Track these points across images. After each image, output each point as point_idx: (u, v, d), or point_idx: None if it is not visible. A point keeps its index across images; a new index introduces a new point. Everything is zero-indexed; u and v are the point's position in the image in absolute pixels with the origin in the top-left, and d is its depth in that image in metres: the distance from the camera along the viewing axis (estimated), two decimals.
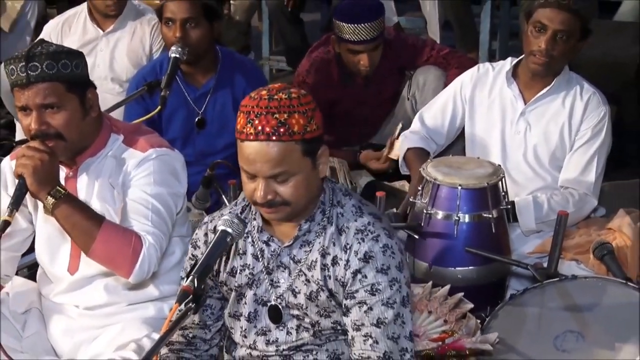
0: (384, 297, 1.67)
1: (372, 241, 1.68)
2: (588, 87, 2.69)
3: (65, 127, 2.02)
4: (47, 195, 1.97)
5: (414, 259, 2.49)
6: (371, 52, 3.08)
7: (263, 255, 1.75)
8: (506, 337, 2.16)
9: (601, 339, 2.11)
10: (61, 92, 2.01)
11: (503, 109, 2.73)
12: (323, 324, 1.74)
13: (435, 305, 2.27)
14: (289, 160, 1.61)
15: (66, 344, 2.21)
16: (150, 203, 2.08)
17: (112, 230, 2.03)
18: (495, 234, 2.44)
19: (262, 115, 1.60)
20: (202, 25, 2.83)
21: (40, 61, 1.98)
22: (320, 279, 1.71)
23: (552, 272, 2.32)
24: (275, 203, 1.64)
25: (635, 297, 2.17)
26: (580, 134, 2.66)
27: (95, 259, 2.05)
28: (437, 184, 2.44)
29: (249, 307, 1.77)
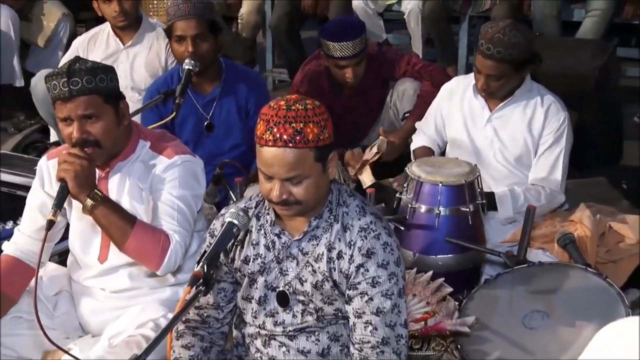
0: (384, 289, 1.67)
1: (374, 239, 1.69)
2: (548, 96, 2.69)
3: (103, 135, 2.03)
4: (87, 198, 1.98)
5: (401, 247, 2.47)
6: (355, 66, 3.09)
7: (274, 247, 1.75)
8: (481, 316, 2.17)
9: (563, 318, 2.12)
10: (99, 104, 2.01)
11: (473, 116, 2.76)
12: (326, 310, 1.74)
13: (419, 289, 2.28)
14: (303, 165, 1.61)
15: (93, 322, 2.22)
16: (176, 204, 2.09)
17: (144, 229, 2.03)
18: (471, 225, 2.45)
19: (281, 124, 1.59)
20: (209, 39, 2.83)
21: (80, 76, 1.97)
22: (325, 270, 1.71)
23: (521, 259, 2.33)
24: (289, 202, 1.64)
25: (594, 281, 2.19)
26: (543, 139, 2.67)
27: (128, 253, 2.06)
28: (421, 182, 2.45)
29: (259, 292, 1.77)
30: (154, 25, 3.45)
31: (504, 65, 2.53)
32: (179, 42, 2.83)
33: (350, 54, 3.05)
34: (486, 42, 2.53)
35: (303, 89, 3.23)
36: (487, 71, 2.57)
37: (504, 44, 2.49)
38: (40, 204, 2.17)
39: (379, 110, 3.36)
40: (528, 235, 2.37)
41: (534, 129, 2.66)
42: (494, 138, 2.71)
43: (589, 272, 2.22)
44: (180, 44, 2.83)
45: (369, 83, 3.25)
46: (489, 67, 2.55)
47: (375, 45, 3.36)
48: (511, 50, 2.50)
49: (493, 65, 2.54)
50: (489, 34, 2.53)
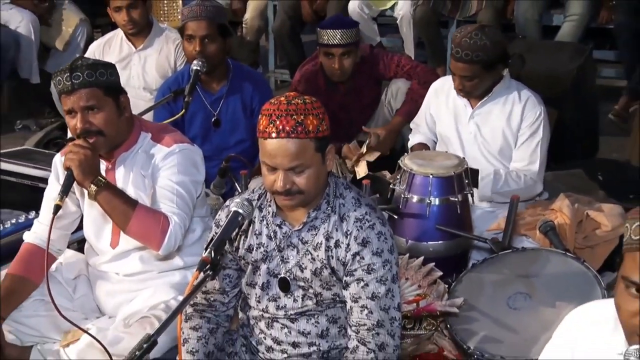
0: (378, 276, 1.66)
1: (369, 229, 1.67)
2: (526, 92, 2.67)
3: (105, 124, 2.02)
4: (91, 184, 1.97)
5: (394, 235, 2.46)
6: (341, 56, 3.08)
7: (276, 236, 1.73)
8: (468, 298, 2.17)
9: (545, 299, 2.11)
10: (100, 96, 2.00)
11: (457, 113, 2.74)
12: (325, 295, 1.72)
13: (411, 273, 2.27)
14: (304, 154, 1.59)
15: (109, 303, 2.22)
16: (175, 189, 2.08)
17: (144, 212, 2.02)
18: (460, 214, 2.43)
19: (283, 117, 1.58)
20: (217, 41, 2.82)
21: (82, 71, 1.98)
22: (324, 258, 1.69)
23: (506, 245, 2.33)
24: (292, 192, 1.61)
25: (572, 265, 2.18)
26: (521, 132, 2.65)
27: (131, 235, 2.05)
28: (413, 174, 2.43)
29: (262, 278, 1.75)
30: (163, 29, 3.44)
31: (473, 66, 2.53)
32: (189, 41, 2.83)
33: (338, 42, 3.04)
34: (455, 46, 2.55)
35: (301, 88, 3.22)
36: (459, 73, 2.58)
37: (470, 47, 2.50)
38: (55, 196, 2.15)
39: (372, 108, 3.34)
40: (512, 223, 2.36)
41: (513, 123, 2.65)
42: (477, 133, 2.70)
43: (568, 256, 2.22)
44: (190, 43, 2.83)
45: (362, 82, 3.24)
46: (460, 69, 2.56)
47: (367, 47, 3.34)
48: (478, 52, 2.50)
49: (463, 67, 2.55)
50: (457, 38, 2.56)
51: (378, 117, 3.35)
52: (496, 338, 2.05)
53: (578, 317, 1.36)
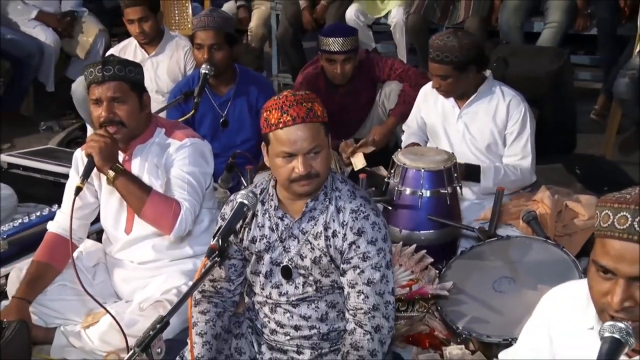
0: (373, 263, 1.64)
1: (363, 219, 1.64)
2: (508, 92, 2.65)
3: (127, 116, 2.02)
4: (109, 170, 1.97)
5: (389, 225, 2.43)
6: (343, 62, 3.06)
7: (278, 228, 1.70)
8: (457, 282, 2.16)
9: (527, 282, 2.10)
10: (126, 90, 2.01)
11: (446, 114, 2.71)
12: (324, 282, 1.70)
13: (405, 259, 2.26)
14: (319, 136, 1.59)
15: (125, 289, 2.21)
16: (186, 178, 2.08)
17: (158, 197, 2.02)
18: (449, 205, 2.41)
19: (294, 106, 1.57)
20: (224, 49, 2.81)
21: (113, 65, 1.99)
22: (323, 246, 1.67)
23: (492, 234, 2.32)
24: (311, 175, 1.59)
25: (553, 251, 2.17)
26: (509, 130, 2.63)
27: (145, 219, 2.04)
28: (406, 168, 2.41)
29: (266, 267, 1.73)
30: (174, 37, 3.44)
31: (444, 67, 2.52)
32: (198, 49, 2.83)
33: (341, 49, 3.03)
34: (430, 48, 2.56)
35: (303, 89, 3.18)
36: (434, 72, 2.58)
37: (441, 49, 2.50)
38: None
39: (368, 108, 3.32)
40: (497, 213, 2.35)
41: (498, 121, 2.62)
42: (465, 131, 2.68)
43: (549, 243, 2.21)
44: (199, 51, 2.82)
45: (359, 85, 3.21)
46: (434, 69, 2.56)
47: (364, 52, 3.32)
48: (447, 53, 2.49)
49: (437, 67, 2.54)
50: (432, 41, 2.56)
51: (373, 116, 3.33)
52: (483, 319, 2.05)
53: (554, 297, 1.35)
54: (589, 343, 1.14)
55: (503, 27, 4.01)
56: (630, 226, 1.09)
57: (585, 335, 1.18)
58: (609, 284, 1.13)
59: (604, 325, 1.12)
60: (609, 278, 1.13)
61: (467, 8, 4.04)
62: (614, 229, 1.11)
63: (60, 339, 2.11)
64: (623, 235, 1.10)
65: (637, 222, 1.09)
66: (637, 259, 1.09)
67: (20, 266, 2.22)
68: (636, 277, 1.10)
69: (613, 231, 1.11)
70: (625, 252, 1.10)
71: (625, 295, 1.11)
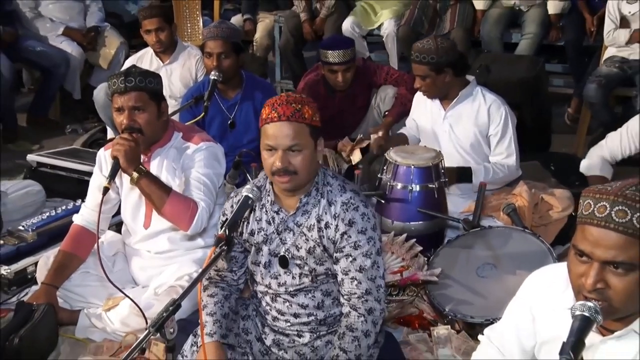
0: (364, 251, 1.60)
1: (353, 211, 1.61)
2: (490, 96, 2.62)
3: (146, 124, 2.00)
4: (133, 171, 1.94)
5: (382, 216, 2.44)
6: (344, 71, 3.05)
7: (274, 221, 1.67)
8: (444, 268, 2.14)
9: (507, 268, 2.09)
10: (146, 99, 1.99)
11: (434, 115, 2.69)
12: (318, 270, 1.67)
13: (396, 248, 2.24)
14: (301, 136, 1.55)
15: (142, 276, 2.20)
16: (202, 180, 2.05)
17: (177, 197, 2.00)
18: (437, 198, 2.40)
19: (283, 105, 1.55)
20: (231, 57, 2.78)
21: (134, 77, 1.97)
22: (317, 238, 1.63)
23: (475, 224, 2.30)
24: (289, 171, 1.56)
25: (530, 240, 2.15)
26: (492, 132, 2.60)
27: (165, 216, 2.02)
28: (397, 165, 2.40)
29: (264, 258, 1.69)
30: (186, 47, 3.42)
31: (423, 67, 2.51)
32: (208, 57, 2.81)
33: (341, 60, 3.01)
34: (412, 51, 2.57)
35: (305, 94, 3.13)
36: (415, 72, 2.58)
37: (420, 50, 2.51)
38: (99, 185, 2.13)
39: (364, 110, 3.30)
40: (480, 206, 2.33)
41: (480, 122, 2.60)
42: (450, 131, 2.65)
43: (527, 233, 2.20)
44: (208, 59, 2.80)
45: (356, 89, 3.19)
46: (415, 69, 2.56)
47: (361, 60, 3.30)
48: (425, 55, 2.50)
49: (416, 67, 2.54)
50: (415, 44, 2.57)
51: (368, 118, 3.31)
52: (467, 301, 2.03)
53: (536, 279, 1.35)
54: (567, 321, 1.14)
55: (485, 37, 4.00)
56: (608, 215, 1.09)
57: (564, 314, 1.18)
58: (584, 267, 1.13)
59: (575, 305, 1.13)
60: (585, 261, 1.13)
61: (452, 20, 4.02)
62: (593, 217, 1.11)
63: (84, 321, 2.10)
64: (601, 222, 1.10)
65: (615, 212, 1.08)
66: (612, 245, 1.09)
67: (48, 255, 2.21)
68: (609, 262, 1.10)
69: (592, 219, 1.11)
70: (601, 238, 1.09)
71: (598, 278, 1.10)
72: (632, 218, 1.07)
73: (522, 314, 1.34)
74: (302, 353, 1.71)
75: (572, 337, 1.09)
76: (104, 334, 2.07)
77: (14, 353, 1.84)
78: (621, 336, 1.17)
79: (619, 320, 1.17)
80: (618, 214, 1.08)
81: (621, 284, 1.09)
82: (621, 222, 1.08)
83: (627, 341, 1.17)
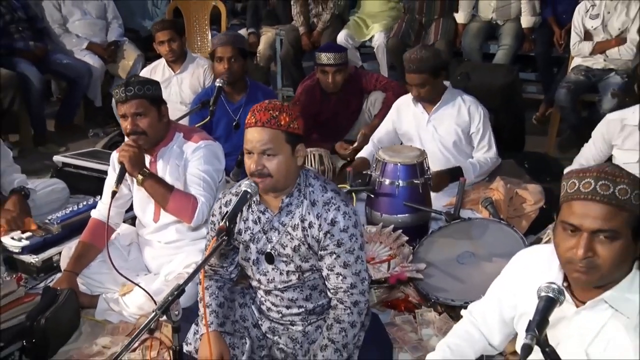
0: (347, 247, 1.53)
1: (335, 210, 1.53)
2: (468, 98, 2.61)
3: (148, 127, 1.97)
4: (138, 174, 1.92)
5: (371, 209, 2.41)
6: (334, 73, 3.02)
7: (260, 221, 1.59)
8: (428, 256, 2.12)
9: (485, 255, 2.06)
10: (146, 105, 1.95)
11: (418, 119, 2.66)
12: (304, 267, 1.59)
13: (384, 238, 2.21)
14: (275, 142, 1.48)
15: (153, 264, 2.17)
16: (202, 176, 2.02)
17: (179, 194, 1.97)
18: (421, 193, 2.36)
19: (262, 111, 1.50)
20: (239, 61, 2.77)
21: (134, 86, 1.93)
22: (301, 236, 1.56)
23: (456, 216, 2.27)
24: (263, 173, 1.49)
25: (505, 230, 2.13)
26: (474, 130, 2.59)
27: (169, 212, 2.00)
28: (385, 162, 2.37)
29: (253, 255, 1.62)
30: (195, 58, 3.39)
31: (422, 75, 2.47)
32: (218, 61, 2.78)
33: (332, 62, 2.99)
34: (407, 62, 2.51)
35: (302, 98, 3.16)
36: (413, 82, 2.52)
37: (414, 60, 2.46)
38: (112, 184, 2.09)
39: (357, 114, 3.26)
40: (460, 200, 2.31)
41: (461, 121, 2.58)
42: (434, 133, 2.62)
43: (502, 224, 2.17)
44: (219, 63, 2.78)
45: (349, 94, 3.16)
46: (413, 79, 2.51)
47: (353, 68, 3.28)
48: (421, 63, 2.45)
49: (415, 76, 2.49)
50: (407, 56, 2.52)
51: (360, 121, 3.27)
52: (448, 286, 2.00)
53: (521, 259, 1.34)
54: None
55: (465, 48, 3.98)
56: (593, 189, 1.10)
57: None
58: (574, 241, 1.12)
59: (541, 286, 1.13)
60: (574, 235, 1.12)
61: (436, 33, 4.00)
62: (579, 193, 1.11)
63: (103, 304, 2.08)
64: (587, 196, 1.10)
65: (599, 186, 1.09)
66: (598, 215, 1.09)
67: (70, 245, 2.18)
68: (597, 231, 1.10)
69: (579, 194, 1.11)
70: (589, 210, 1.10)
71: (587, 247, 1.10)
72: (615, 190, 1.09)
73: (506, 288, 1.32)
74: (294, 338, 1.68)
75: (537, 316, 1.09)
76: (120, 317, 2.05)
77: (41, 332, 1.83)
78: (593, 306, 1.16)
79: (593, 291, 1.16)
80: (602, 188, 1.09)
81: (608, 251, 1.10)
82: (605, 195, 1.09)
83: (598, 310, 1.16)
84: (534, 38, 3.89)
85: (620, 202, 1.08)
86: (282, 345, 1.69)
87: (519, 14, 3.90)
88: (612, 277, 1.13)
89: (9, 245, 2.27)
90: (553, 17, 3.80)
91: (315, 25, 4.26)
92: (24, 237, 2.29)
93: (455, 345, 1.37)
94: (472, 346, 1.38)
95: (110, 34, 4.21)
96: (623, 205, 1.08)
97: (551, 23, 3.81)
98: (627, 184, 1.09)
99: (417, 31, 4.04)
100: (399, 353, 1.83)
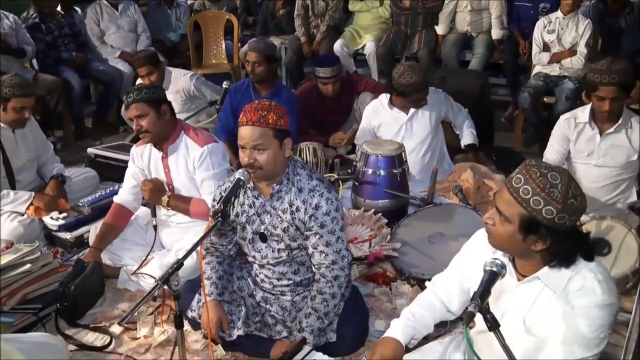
0: (329, 229, 1.51)
1: (319, 196, 1.51)
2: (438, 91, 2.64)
3: (150, 126, 1.93)
4: (161, 200, 1.98)
5: (356, 195, 2.36)
6: (332, 83, 2.97)
7: (255, 205, 1.57)
8: (404, 237, 2.08)
9: (452, 235, 2.02)
10: (145, 107, 1.92)
11: (396, 120, 2.60)
12: (293, 245, 1.58)
13: (366, 220, 2.17)
14: (264, 138, 1.46)
15: (167, 241, 2.14)
16: (212, 182, 1.97)
17: (196, 203, 2.01)
18: (400, 181, 2.32)
19: (252, 111, 1.47)
20: (263, 65, 2.75)
21: (132, 93, 1.92)
22: (290, 219, 1.54)
23: (430, 202, 2.23)
24: (254, 165, 1.48)
25: (472, 215, 2.09)
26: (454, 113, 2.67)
27: (191, 217, 2.04)
28: (368, 154, 2.32)
29: (249, 235, 1.60)
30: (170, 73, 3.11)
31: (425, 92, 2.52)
32: (247, 63, 2.79)
33: (329, 75, 2.95)
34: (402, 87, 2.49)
35: (300, 99, 3.10)
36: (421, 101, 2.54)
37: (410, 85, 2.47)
38: (132, 172, 2.10)
39: (348, 112, 3.20)
40: (433, 187, 2.26)
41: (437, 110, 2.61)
42: (412, 132, 2.57)
43: (468, 208, 2.13)
44: (247, 65, 2.79)
45: (342, 95, 3.10)
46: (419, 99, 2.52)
47: (346, 72, 3.23)
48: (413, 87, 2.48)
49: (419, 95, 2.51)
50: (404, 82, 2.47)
51: (351, 118, 3.21)
52: (420, 262, 1.96)
53: (477, 238, 1.33)
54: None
55: (444, 56, 3.92)
56: (516, 188, 1.11)
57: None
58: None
59: (486, 261, 1.12)
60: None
61: (419, 42, 3.95)
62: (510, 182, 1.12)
63: (123, 275, 2.06)
64: (510, 190, 1.11)
65: (522, 188, 1.09)
66: (503, 202, 1.12)
67: (97, 225, 2.16)
68: (500, 211, 1.13)
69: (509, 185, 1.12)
70: (503, 193, 1.13)
71: (490, 214, 1.15)
72: (530, 198, 1.09)
73: (465, 261, 1.31)
74: (284, 306, 1.66)
75: (481, 287, 1.08)
76: (138, 286, 2.03)
77: (71, 297, 1.86)
78: (530, 281, 1.16)
79: (531, 267, 1.15)
80: (524, 191, 1.10)
81: (500, 227, 1.12)
82: (518, 194, 1.10)
83: (533, 284, 1.16)
84: (503, 48, 3.87)
85: (530, 207, 1.07)
86: (273, 312, 1.67)
87: (490, 28, 3.88)
88: (505, 249, 1.16)
89: (48, 223, 2.29)
90: (518, 31, 3.79)
91: (314, 35, 4.20)
92: (60, 217, 2.30)
93: (418, 313, 1.35)
94: (432, 313, 1.36)
95: (140, 44, 4.17)
96: (529, 209, 1.08)
97: (517, 36, 3.79)
98: (556, 205, 1.05)
99: (403, 41, 3.98)
100: (375, 320, 1.79)
